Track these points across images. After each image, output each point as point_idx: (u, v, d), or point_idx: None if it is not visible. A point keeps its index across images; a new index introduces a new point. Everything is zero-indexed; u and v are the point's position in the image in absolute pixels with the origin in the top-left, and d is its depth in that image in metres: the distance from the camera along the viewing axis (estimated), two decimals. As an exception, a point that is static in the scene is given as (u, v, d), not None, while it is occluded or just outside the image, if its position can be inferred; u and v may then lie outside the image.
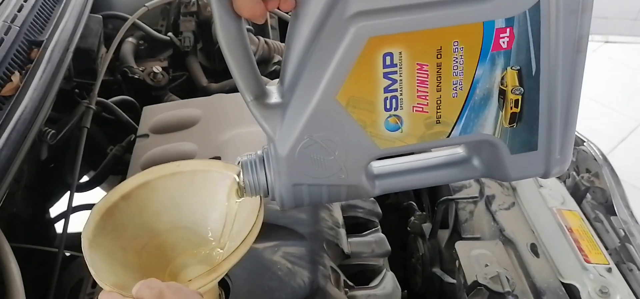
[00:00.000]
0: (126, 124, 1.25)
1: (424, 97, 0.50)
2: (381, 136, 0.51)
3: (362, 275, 0.90)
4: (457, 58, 0.48)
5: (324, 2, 0.46)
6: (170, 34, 1.45)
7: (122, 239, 0.67)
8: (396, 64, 0.48)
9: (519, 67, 0.49)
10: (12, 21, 0.87)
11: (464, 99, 0.50)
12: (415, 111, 0.50)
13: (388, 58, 0.47)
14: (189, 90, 1.40)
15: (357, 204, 1.00)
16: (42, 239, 1.10)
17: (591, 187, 1.01)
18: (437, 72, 0.49)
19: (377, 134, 0.51)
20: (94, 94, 1.12)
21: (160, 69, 1.34)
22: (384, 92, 0.49)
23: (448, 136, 0.52)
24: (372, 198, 1.04)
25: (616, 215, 0.97)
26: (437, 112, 0.50)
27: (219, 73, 1.41)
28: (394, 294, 0.85)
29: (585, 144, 1.09)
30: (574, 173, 1.05)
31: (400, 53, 0.47)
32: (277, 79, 0.55)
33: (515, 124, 0.52)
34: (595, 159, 1.04)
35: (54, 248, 0.97)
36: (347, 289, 0.83)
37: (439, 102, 0.50)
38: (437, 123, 0.51)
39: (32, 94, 0.79)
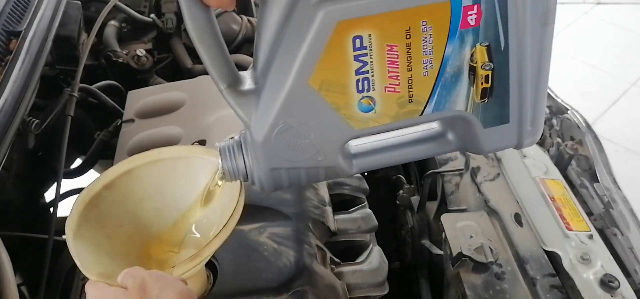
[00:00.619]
0: (112, 109, 1.25)
1: (395, 77, 0.50)
2: (355, 117, 0.52)
3: (349, 251, 0.91)
4: (426, 38, 0.48)
5: None
6: (152, 15, 1.44)
7: (107, 228, 0.68)
8: (366, 47, 0.48)
9: (487, 43, 0.49)
10: (-11, 12, 0.87)
11: (435, 78, 0.50)
12: (388, 91, 0.51)
13: (358, 41, 0.48)
14: (175, 72, 1.40)
15: (344, 181, 1.01)
16: (37, 225, 1.12)
17: (575, 154, 1.02)
18: (407, 52, 0.49)
19: (350, 115, 0.52)
20: (76, 81, 1.12)
21: (144, 52, 1.34)
22: (356, 75, 0.49)
23: (421, 114, 0.53)
24: (359, 175, 1.05)
25: (599, 182, 0.99)
26: (409, 91, 0.51)
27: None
28: (380, 269, 0.87)
29: (569, 112, 1.10)
30: (559, 140, 1.06)
31: (369, 35, 0.47)
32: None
33: (486, 99, 0.52)
34: (578, 127, 1.05)
35: (45, 235, 0.98)
36: (333, 266, 0.84)
37: (410, 81, 0.50)
38: (409, 102, 0.51)
39: (12, 86, 0.79)
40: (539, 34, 0.50)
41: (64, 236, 1.06)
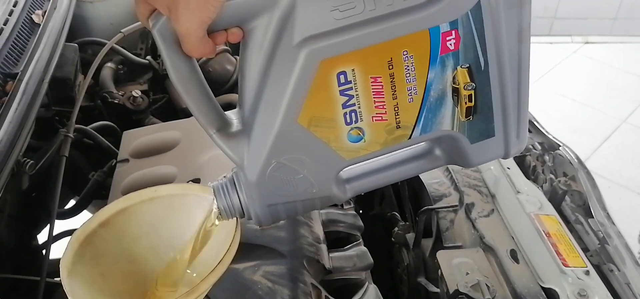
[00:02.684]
0: (107, 149, 1.26)
1: (381, 106, 0.51)
2: (345, 148, 0.53)
3: (345, 289, 0.91)
4: (408, 66, 0.49)
5: (271, 32, 0.47)
6: (149, 57, 1.45)
7: (102, 266, 0.68)
8: (350, 81, 0.49)
9: (468, 65, 0.51)
10: (-13, 54, 0.88)
11: (420, 102, 0.52)
12: (375, 120, 0.52)
13: (342, 77, 0.49)
14: (170, 112, 1.41)
15: (338, 218, 1.01)
16: (30, 267, 1.10)
17: (569, 190, 1.03)
18: (391, 82, 0.50)
19: (341, 147, 0.53)
20: (71, 122, 1.12)
21: (140, 93, 1.35)
22: (343, 108, 0.50)
23: (409, 138, 0.54)
24: (353, 212, 1.05)
25: (593, 217, 0.99)
26: (396, 118, 0.52)
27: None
28: (376, 307, 0.86)
29: (561, 148, 1.11)
30: (552, 177, 1.07)
31: (353, 70, 0.49)
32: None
33: (471, 117, 0.54)
34: (571, 163, 1.06)
35: (37, 277, 0.97)
36: (329, 305, 0.83)
37: (396, 109, 0.51)
38: (397, 128, 0.53)
39: (7, 127, 0.79)
40: (516, 50, 0.52)
41: (56, 279, 1.05)
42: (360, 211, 1.13)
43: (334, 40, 0.47)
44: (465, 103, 0.52)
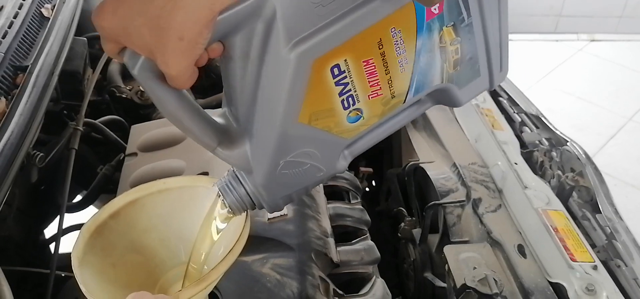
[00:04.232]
0: (115, 143, 1.26)
1: (376, 84, 0.51)
2: (346, 129, 0.53)
3: (352, 283, 0.91)
4: (397, 41, 0.50)
5: (256, 42, 0.46)
6: (157, 52, 1.45)
7: (112, 256, 0.68)
8: (344, 71, 0.49)
9: (452, 22, 0.51)
10: (-3, 47, 0.88)
11: (412, 70, 0.52)
12: (371, 97, 0.52)
13: (335, 69, 0.49)
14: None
15: (346, 213, 1.01)
16: (37, 262, 1.11)
17: (576, 186, 1.03)
18: (383, 60, 0.50)
19: (342, 130, 0.53)
20: (81, 115, 1.13)
21: (148, 88, 1.35)
22: (340, 96, 0.51)
23: (404, 102, 0.54)
24: (361, 207, 1.05)
25: (601, 213, 0.99)
26: (390, 90, 0.52)
27: (205, 88, 1.42)
28: (383, 301, 0.86)
29: (568, 144, 1.11)
30: (559, 172, 1.07)
31: (345, 60, 0.48)
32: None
33: (458, 67, 0.54)
34: (578, 158, 1.06)
35: (46, 270, 0.97)
36: (336, 298, 0.83)
37: (390, 82, 0.52)
38: (392, 98, 0.53)
39: (18, 119, 0.79)
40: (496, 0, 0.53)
41: (63, 274, 1.06)
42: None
43: (323, 37, 0.46)
44: (453, 57, 0.53)
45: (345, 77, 0.49)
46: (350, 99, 0.50)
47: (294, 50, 0.46)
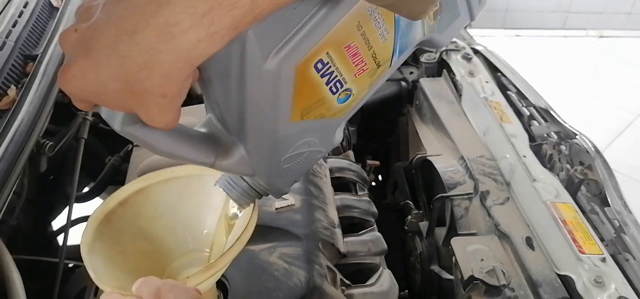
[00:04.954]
0: (123, 134, 1.26)
1: (360, 62, 0.50)
2: (339, 110, 0.53)
3: (359, 274, 0.91)
4: (375, 17, 0.48)
5: (234, 61, 0.44)
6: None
7: (121, 244, 0.68)
8: (328, 63, 0.48)
9: None
10: (7, 37, 0.89)
11: (393, 36, 0.51)
12: (358, 75, 0.51)
13: (319, 64, 0.47)
14: (185, 99, 1.41)
15: (353, 204, 1.01)
16: (45, 252, 1.11)
17: (585, 179, 1.02)
18: (364, 38, 0.49)
19: (335, 112, 0.53)
20: (90, 105, 1.13)
21: (156, 79, 1.35)
22: (327, 85, 0.50)
23: (390, 66, 0.54)
24: (368, 199, 1.05)
25: (610, 206, 0.98)
26: (375, 62, 0.52)
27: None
28: (390, 292, 0.86)
29: (577, 137, 1.10)
30: (568, 166, 1.06)
31: (327, 53, 0.48)
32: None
33: (438, 16, 0.54)
34: (587, 151, 1.05)
35: (55, 259, 0.98)
36: (343, 288, 0.84)
37: (374, 55, 0.51)
38: (378, 67, 0.52)
39: (28, 107, 0.80)
40: None
41: (71, 264, 1.06)
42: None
43: (300, 41, 0.44)
44: (432, 11, 0.53)
45: (330, 67, 0.48)
46: (337, 83, 0.50)
47: (274, 62, 0.44)
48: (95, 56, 0.38)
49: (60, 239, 1.23)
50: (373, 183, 1.57)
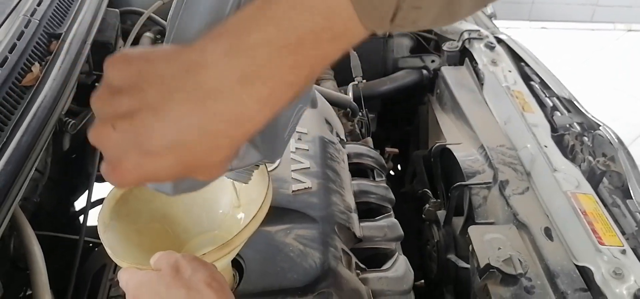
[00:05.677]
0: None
1: None
2: None
3: (375, 258, 0.91)
4: None
5: None
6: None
7: (137, 223, 0.69)
8: None
9: None
10: (32, 15, 0.90)
11: None
12: None
13: None
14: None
15: (370, 190, 1.01)
16: (67, 232, 1.13)
17: (607, 171, 1.00)
18: None
19: None
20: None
21: (177, 63, 1.36)
22: None
23: None
24: (385, 185, 1.05)
25: (632, 199, 0.96)
26: None
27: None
28: (405, 277, 0.86)
29: (601, 128, 1.08)
30: (590, 158, 1.04)
31: None
32: None
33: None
34: (611, 143, 1.03)
35: (76, 236, 1.00)
36: (358, 271, 0.84)
37: None
38: None
39: (51, 84, 0.81)
40: None
41: (91, 244, 1.08)
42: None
43: None
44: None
45: None
46: None
47: None
48: (155, 151, 0.37)
49: (82, 219, 1.25)
50: (391, 172, 1.56)
